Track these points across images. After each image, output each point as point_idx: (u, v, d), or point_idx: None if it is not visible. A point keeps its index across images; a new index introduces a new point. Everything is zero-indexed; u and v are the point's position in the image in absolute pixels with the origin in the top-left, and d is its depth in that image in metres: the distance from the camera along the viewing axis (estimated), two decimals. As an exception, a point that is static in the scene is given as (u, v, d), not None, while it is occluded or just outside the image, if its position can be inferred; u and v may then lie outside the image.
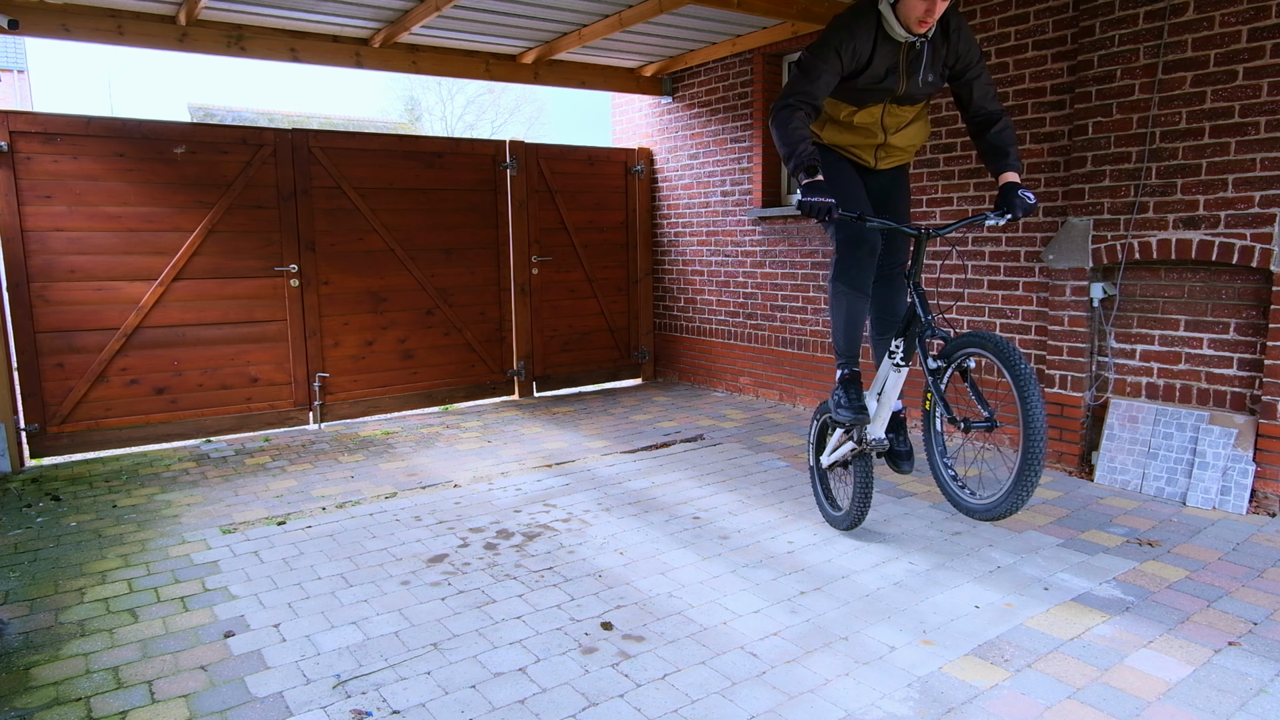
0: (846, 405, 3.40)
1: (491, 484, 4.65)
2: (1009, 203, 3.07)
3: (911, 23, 2.97)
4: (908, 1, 2.93)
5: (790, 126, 3.05)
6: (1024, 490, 2.73)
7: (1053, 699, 2.45)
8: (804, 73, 3.08)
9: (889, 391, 3.35)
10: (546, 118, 31.55)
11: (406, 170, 6.38)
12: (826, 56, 3.05)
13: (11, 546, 3.79)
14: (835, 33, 3.04)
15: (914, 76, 3.15)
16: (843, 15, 3.09)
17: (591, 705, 2.45)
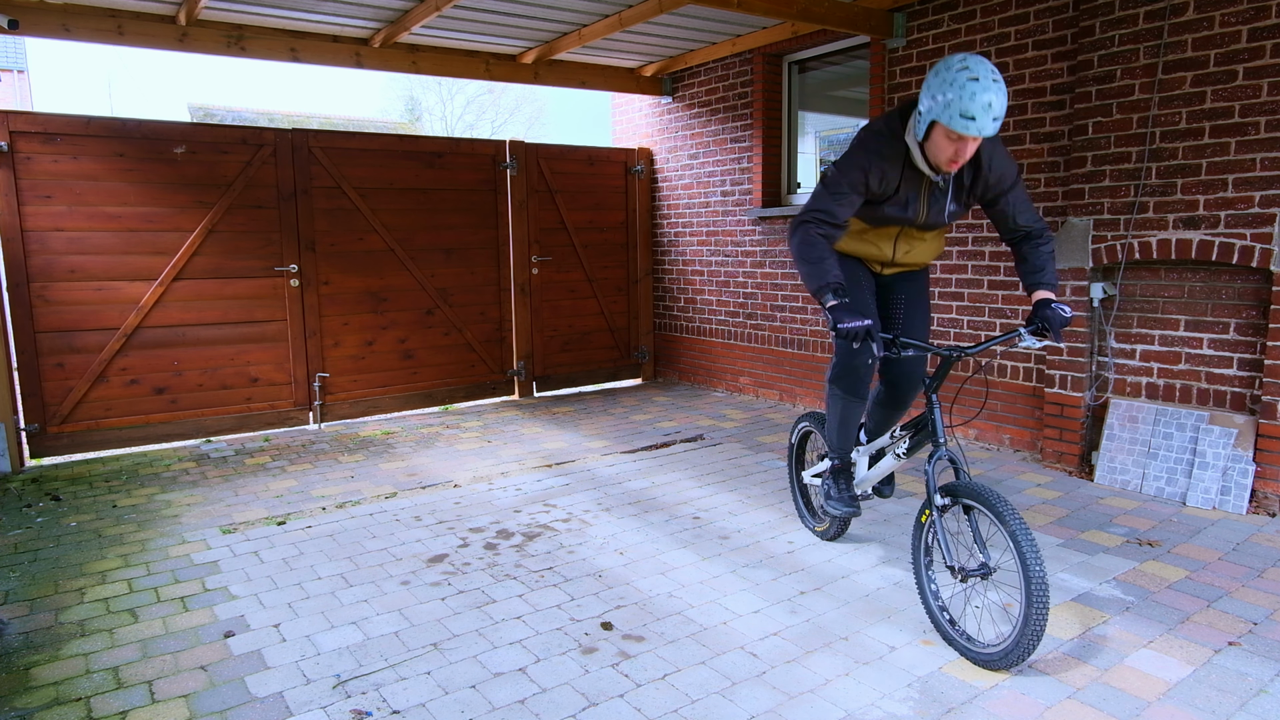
0: (838, 498, 3.36)
1: (491, 484, 4.65)
2: (1046, 320, 2.84)
3: (940, 164, 2.79)
4: (936, 145, 2.74)
5: (811, 245, 2.87)
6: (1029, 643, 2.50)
7: (1053, 699, 2.45)
8: (829, 191, 2.91)
9: (882, 470, 3.36)
10: (546, 118, 31.55)
11: (406, 170, 6.38)
12: (854, 179, 2.88)
13: (11, 546, 3.79)
14: (864, 155, 2.88)
15: (935, 207, 3.01)
16: (871, 138, 2.92)
17: (591, 705, 2.45)
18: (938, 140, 2.72)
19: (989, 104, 2.56)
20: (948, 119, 2.61)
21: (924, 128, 2.72)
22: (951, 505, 2.78)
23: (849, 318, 2.71)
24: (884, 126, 2.92)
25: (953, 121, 2.60)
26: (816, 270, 2.85)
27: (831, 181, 2.93)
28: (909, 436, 3.19)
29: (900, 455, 3.22)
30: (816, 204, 2.94)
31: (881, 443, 3.40)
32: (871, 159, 2.88)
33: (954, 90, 2.58)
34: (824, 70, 6.40)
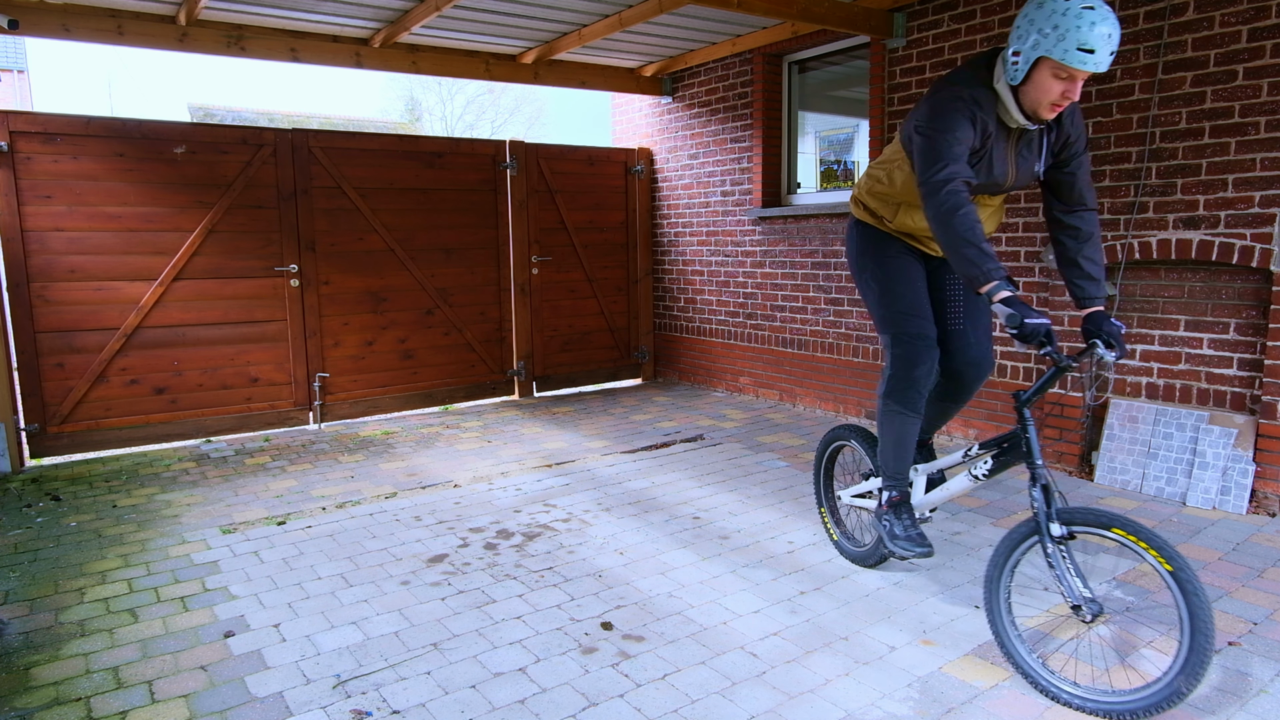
0: (907, 538, 2.93)
1: (491, 484, 4.65)
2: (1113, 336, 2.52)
3: (1041, 108, 2.49)
4: (1040, 86, 2.44)
5: (965, 213, 2.41)
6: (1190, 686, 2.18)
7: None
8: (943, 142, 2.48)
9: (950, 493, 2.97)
10: (546, 118, 31.55)
11: (406, 170, 6.38)
12: (959, 126, 2.49)
13: (11, 546, 3.79)
14: (959, 103, 2.51)
15: (1024, 165, 2.70)
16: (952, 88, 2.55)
17: (591, 705, 2.45)
18: (1042, 80, 2.43)
19: (1108, 35, 2.29)
20: (1061, 53, 2.33)
21: (1025, 68, 2.43)
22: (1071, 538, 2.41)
23: (1034, 314, 2.30)
24: (969, 75, 2.58)
25: (1068, 55, 2.33)
26: (977, 250, 2.38)
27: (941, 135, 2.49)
28: (991, 456, 2.77)
29: (979, 477, 2.82)
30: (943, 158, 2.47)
31: (945, 462, 3.03)
32: (971, 108, 2.51)
33: (1068, 21, 2.30)
34: (824, 70, 6.40)
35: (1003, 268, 2.38)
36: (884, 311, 2.98)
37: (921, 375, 2.88)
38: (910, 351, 2.88)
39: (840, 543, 3.52)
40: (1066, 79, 2.42)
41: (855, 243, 3.15)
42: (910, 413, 2.93)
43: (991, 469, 2.77)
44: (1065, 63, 2.35)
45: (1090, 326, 2.59)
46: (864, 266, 3.09)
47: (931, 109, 2.57)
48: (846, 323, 6.04)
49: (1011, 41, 2.48)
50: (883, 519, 3.05)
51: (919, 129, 2.58)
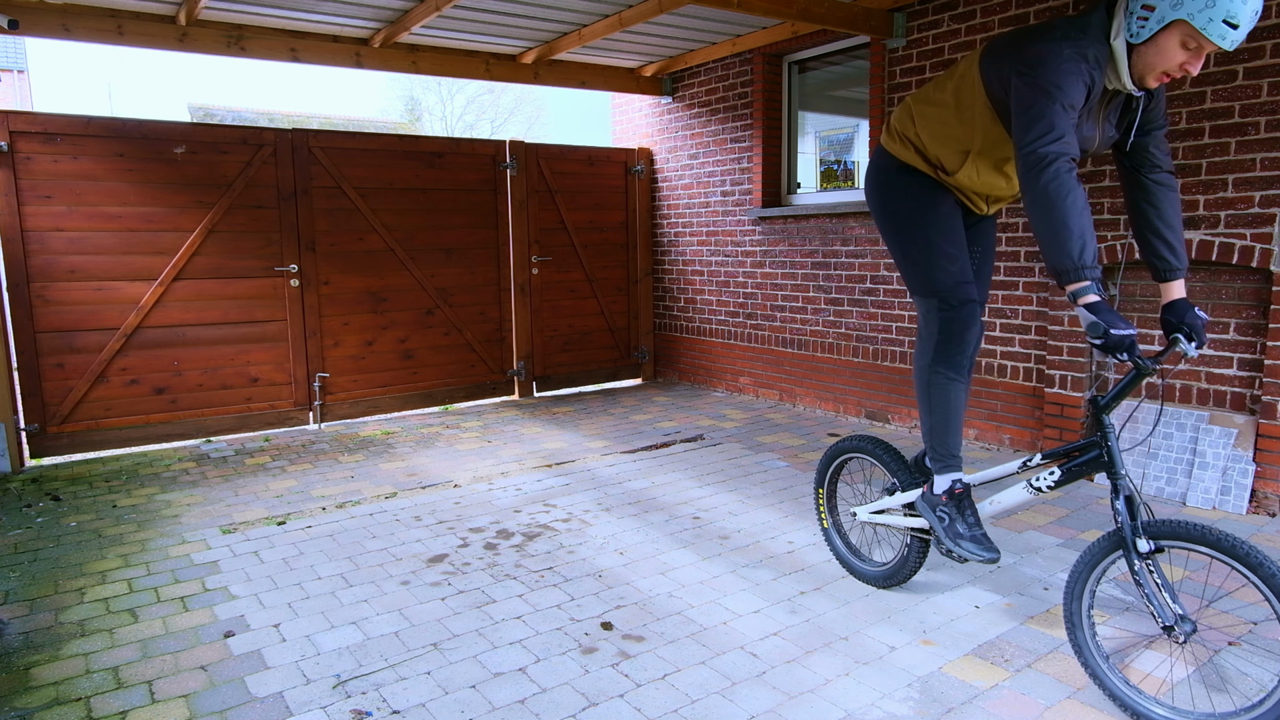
0: (972, 538, 2.64)
1: (491, 484, 4.65)
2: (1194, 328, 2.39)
3: (1152, 75, 2.26)
4: (1164, 51, 2.20)
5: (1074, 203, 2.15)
6: None
7: (1053, 699, 2.45)
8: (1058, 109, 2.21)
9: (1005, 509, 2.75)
10: (546, 118, 31.55)
11: (406, 170, 6.38)
12: (1075, 90, 2.23)
13: (11, 546, 3.79)
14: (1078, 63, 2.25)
15: (1107, 131, 2.48)
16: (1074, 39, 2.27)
17: (591, 705, 2.45)
18: (1168, 46, 2.18)
19: (1255, 13, 2.06)
20: (1205, 21, 2.07)
21: (1154, 28, 2.16)
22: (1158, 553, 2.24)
23: (1121, 324, 2.10)
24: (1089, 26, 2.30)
25: (1209, 27, 2.08)
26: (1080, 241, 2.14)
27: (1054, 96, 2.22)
28: (1059, 467, 2.53)
29: (1041, 489, 2.58)
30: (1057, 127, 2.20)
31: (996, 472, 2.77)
32: (1091, 71, 2.26)
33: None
34: (824, 70, 6.40)
35: (1099, 270, 2.17)
36: (933, 273, 2.70)
37: (971, 337, 2.69)
38: (963, 315, 2.67)
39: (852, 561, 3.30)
40: (1194, 50, 2.17)
41: (898, 190, 2.78)
42: (961, 379, 2.70)
43: (1060, 480, 2.53)
44: (1205, 33, 2.10)
45: (1171, 317, 2.43)
46: (909, 220, 2.75)
47: (1047, 61, 2.25)
48: (846, 323, 6.04)
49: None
50: (940, 511, 2.73)
51: (1026, 79, 2.27)
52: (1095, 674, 2.38)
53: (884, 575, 3.17)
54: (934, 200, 2.73)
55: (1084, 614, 2.40)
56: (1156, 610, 2.24)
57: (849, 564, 3.32)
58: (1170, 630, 2.22)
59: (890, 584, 3.16)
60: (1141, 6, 2.19)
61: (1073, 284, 2.17)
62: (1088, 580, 2.39)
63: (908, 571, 3.08)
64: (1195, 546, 2.16)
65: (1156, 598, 2.24)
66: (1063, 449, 2.57)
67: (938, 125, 2.65)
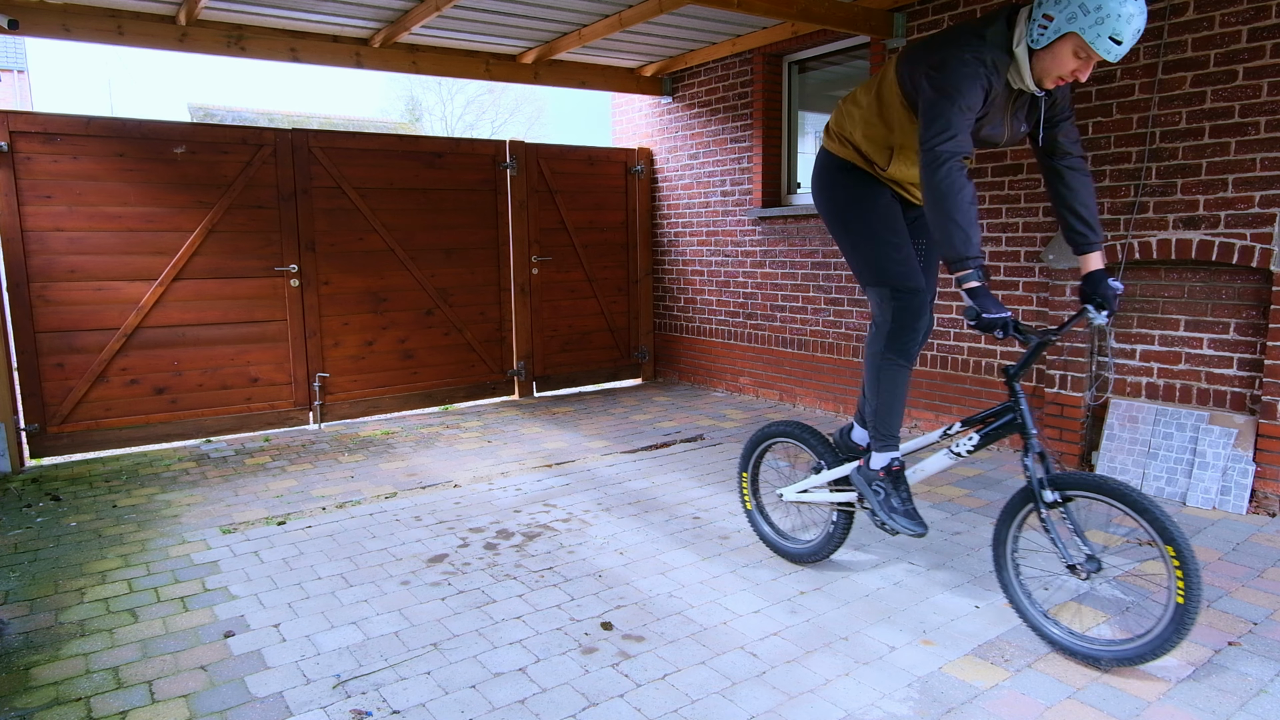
0: (905, 513, 2.89)
1: (491, 484, 4.65)
2: (1104, 299, 2.64)
3: (1049, 78, 2.52)
4: (1058, 58, 2.45)
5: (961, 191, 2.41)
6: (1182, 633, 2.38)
7: (1053, 699, 2.45)
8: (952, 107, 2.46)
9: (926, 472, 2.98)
10: (546, 118, 31.56)
11: (406, 170, 6.38)
12: (971, 92, 2.48)
13: (11, 546, 3.79)
14: (976, 67, 2.49)
15: (1015, 127, 2.73)
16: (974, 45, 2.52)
17: (591, 705, 2.45)
18: (1062, 54, 2.44)
19: (1139, 30, 2.35)
20: (1093, 36, 2.35)
21: (1052, 37, 2.42)
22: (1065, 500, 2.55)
23: (994, 307, 2.40)
24: (991, 32, 2.55)
25: (1098, 41, 2.35)
26: (964, 233, 2.41)
27: (950, 98, 2.47)
28: (976, 432, 2.80)
29: (960, 454, 2.86)
30: (952, 127, 2.45)
31: (918, 443, 3.03)
32: (988, 74, 2.50)
33: (1109, 6, 2.30)
34: (824, 70, 6.40)
35: (981, 257, 2.44)
36: (881, 263, 2.87)
37: (922, 326, 2.88)
38: (913, 303, 2.85)
39: (777, 541, 3.50)
40: (1084, 59, 2.44)
41: (841, 187, 2.97)
42: (909, 364, 2.92)
43: (978, 444, 2.81)
44: (1093, 47, 2.36)
45: (1087, 288, 2.67)
46: (852, 214, 2.93)
47: (949, 65, 2.51)
48: (846, 323, 6.04)
49: (1045, 3, 2.43)
50: (876, 486, 2.95)
51: (931, 81, 2.53)
52: (1019, 608, 2.74)
53: (810, 552, 3.35)
54: (873, 194, 2.92)
55: (1008, 558, 2.74)
56: (1061, 552, 2.57)
57: (773, 543, 3.51)
58: (1074, 569, 2.56)
59: (815, 560, 3.35)
60: (1043, 16, 2.44)
61: (958, 271, 2.45)
62: (1009, 528, 2.73)
63: (832, 546, 3.28)
64: (1094, 495, 2.49)
65: (1061, 541, 2.57)
66: (979, 416, 2.84)
67: (865, 124, 2.88)
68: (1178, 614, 2.37)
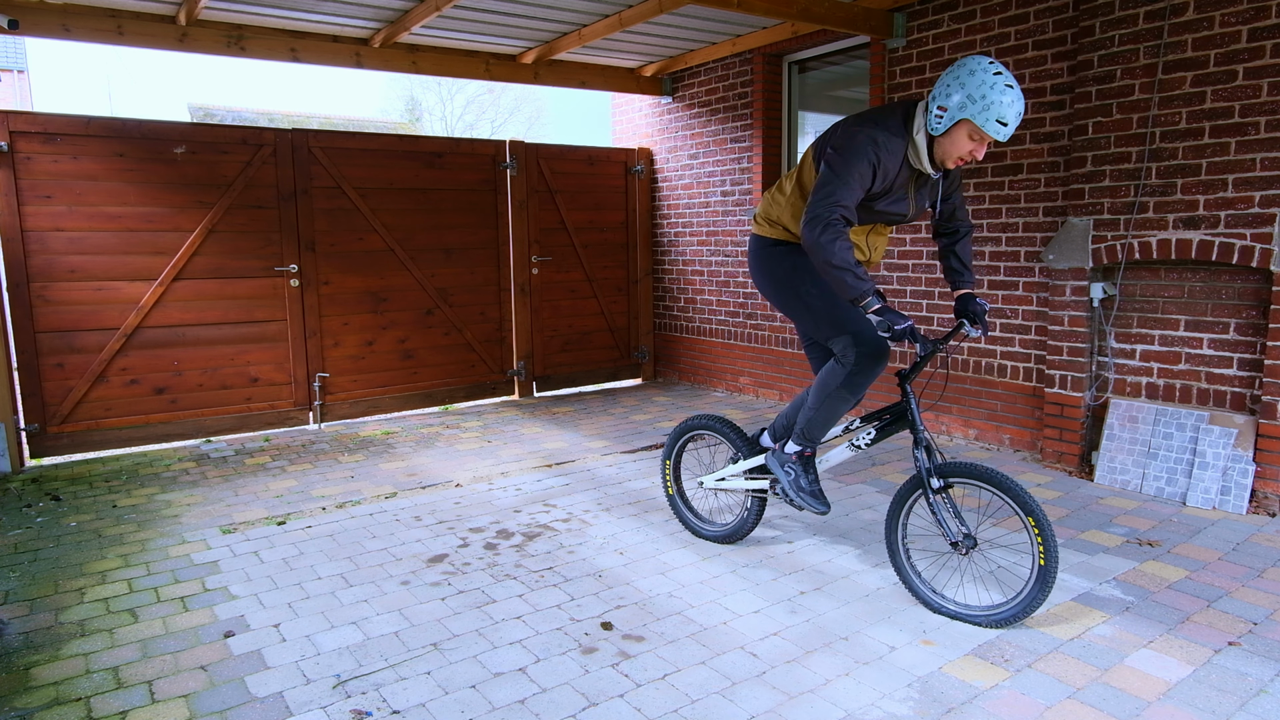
0: (810, 492, 3.30)
1: (491, 484, 4.65)
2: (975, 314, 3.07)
3: (950, 159, 2.87)
4: (955, 142, 2.81)
5: (842, 246, 2.80)
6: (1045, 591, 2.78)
7: (1053, 699, 2.45)
8: (840, 181, 2.84)
9: (831, 463, 3.38)
10: (546, 118, 31.57)
11: (406, 170, 6.38)
12: (861, 169, 2.84)
13: (11, 546, 3.79)
14: (867, 147, 2.84)
15: (919, 202, 3.09)
16: (874, 132, 2.87)
17: (591, 705, 2.45)
18: (958, 138, 2.79)
19: (1019, 113, 2.71)
20: (983, 121, 2.70)
21: (948, 124, 2.77)
22: (948, 486, 2.93)
23: (898, 319, 2.77)
24: (887, 120, 2.91)
25: (987, 125, 2.70)
26: (854, 276, 2.80)
27: (840, 172, 2.85)
28: (874, 427, 3.21)
29: (860, 446, 3.25)
30: (835, 196, 2.84)
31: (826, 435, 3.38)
32: (880, 153, 2.86)
33: (994, 94, 2.67)
34: (824, 70, 6.40)
35: (872, 284, 2.81)
36: (836, 316, 3.14)
37: (881, 369, 3.15)
38: (876, 348, 3.09)
39: (695, 524, 3.78)
40: (977, 141, 2.79)
41: (777, 260, 3.28)
42: (855, 400, 3.22)
43: (874, 438, 3.22)
44: (984, 130, 2.72)
45: (959, 307, 3.11)
46: (796, 280, 3.23)
47: (845, 143, 2.87)
48: (846, 323, 6.04)
49: (937, 96, 2.78)
50: (788, 467, 3.32)
51: (828, 160, 2.89)
52: (908, 583, 3.06)
53: (725, 534, 3.64)
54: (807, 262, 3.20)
55: (899, 541, 3.07)
56: (946, 531, 2.94)
57: (692, 526, 3.79)
58: (956, 545, 2.95)
59: (731, 540, 3.63)
60: (937, 107, 2.79)
61: (860, 300, 2.82)
62: (900, 513, 3.06)
63: (747, 529, 3.58)
64: (971, 481, 2.86)
65: (946, 522, 2.94)
66: (875, 413, 3.24)
67: (791, 208, 3.20)
68: (1041, 574, 2.75)
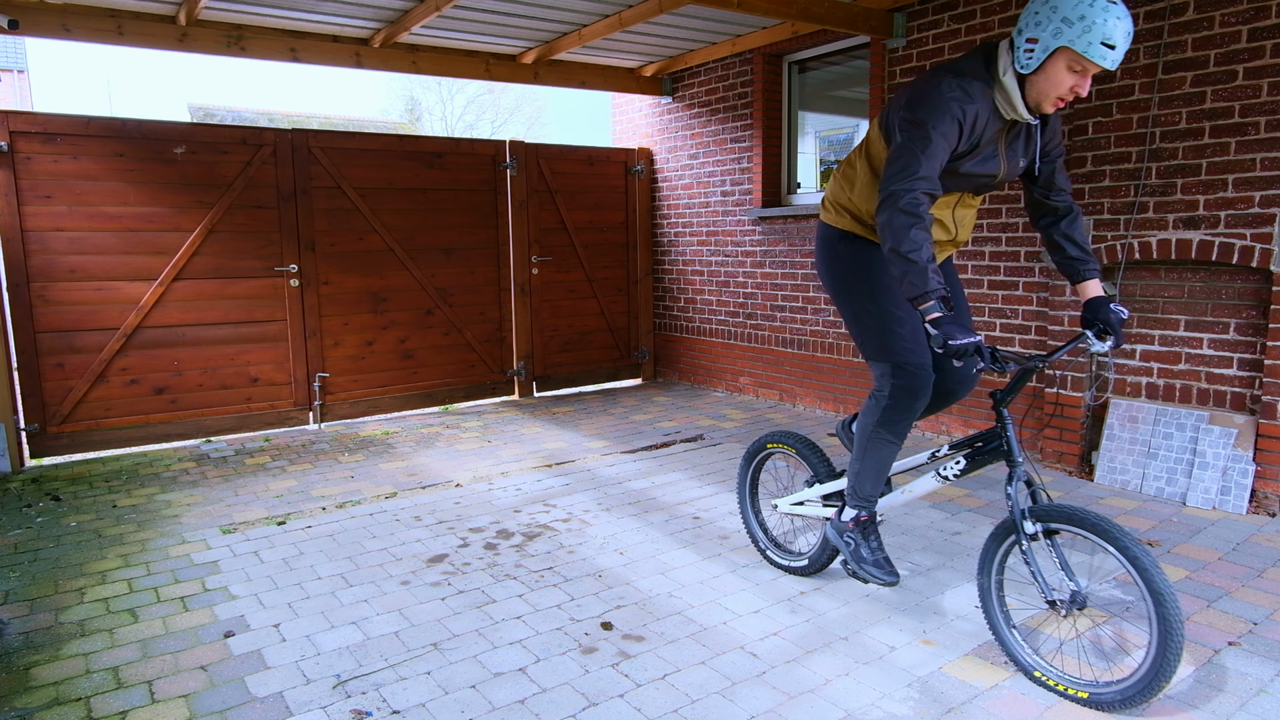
0: (874, 563, 2.87)
1: (491, 484, 4.65)
2: (1107, 324, 2.54)
3: (1047, 101, 2.41)
4: (1053, 78, 2.35)
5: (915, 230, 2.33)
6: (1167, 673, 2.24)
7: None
8: (919, 146, 2.37)
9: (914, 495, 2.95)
10: (546, 118, 31.57)
11: (406, 170, 6.38)
12: (945, 127, 2.38)
13: (11, 546, 3.79)
14: (949, 99, 2.39)
15: (1012, 159, 2.60)
16: (947, 78, 2.43)
17: (591, 705, 2.45)
18: (1056, 72, 2.34)
19: (1128, 33, 2.26)
20: (1084, 45, 2.25)
21: (1042, 57, 2.33)
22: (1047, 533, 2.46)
23: (960, 333, 2.28)
24: (967, 66, 2.48)
25: (1090, 49, 2.25)
26: (920, 271, 2.33)
27: (919, 133, 2.38)
28: (963, 456, 2.74)
29: (948, 478, 2.79)
30: (914, 166, 2.37)
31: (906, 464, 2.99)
32: (964, 103, 2.40)
33: (1095, 12, 2.22)
34: (824, 70, 6.40)
35: (942, 289, 2.34)
36: (884, 340, 2.76)
37: (920, 406, 2.77)
38: (914, 383, 2.73)
39: (774, 558, 3.43)
40: (1080, 72, 2.34)
41: (842, 259, 2.88)
42: (899, 442, 2.83)
43: (964, 469, 2.74)
44: (1087, 56, 2.27)
45: (1087, 314, 2.59)
46: (855, 286, 2.83)
47: (923, 101, 2.43)
48: (846, 323, 6.04)
49: (1025, 27, 2.36)
50: (846, 537, 2.94)
51: (903, 121, 2.45)
52: (1003, 642, 2.60)
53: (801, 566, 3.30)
54: (877, 263, 2.78)
55: (993, 592, 2.62)
56: (1041, 587, 2.47)
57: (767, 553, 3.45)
58: (1054, 605, 2.47)
59: (809, 572, 3.28)
60: (1026, 40, 2.36)
61: (921, 304, 2.36)
62: (993, 561, 2.61)
63: (824, 560, 3.23)
64: (1075, 529, 2.37)
65: (1040, 576, 2.47)
66: (966, 439, 2.77)
67: (861, 188, 2.77)
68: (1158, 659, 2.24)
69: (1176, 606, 2.19)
